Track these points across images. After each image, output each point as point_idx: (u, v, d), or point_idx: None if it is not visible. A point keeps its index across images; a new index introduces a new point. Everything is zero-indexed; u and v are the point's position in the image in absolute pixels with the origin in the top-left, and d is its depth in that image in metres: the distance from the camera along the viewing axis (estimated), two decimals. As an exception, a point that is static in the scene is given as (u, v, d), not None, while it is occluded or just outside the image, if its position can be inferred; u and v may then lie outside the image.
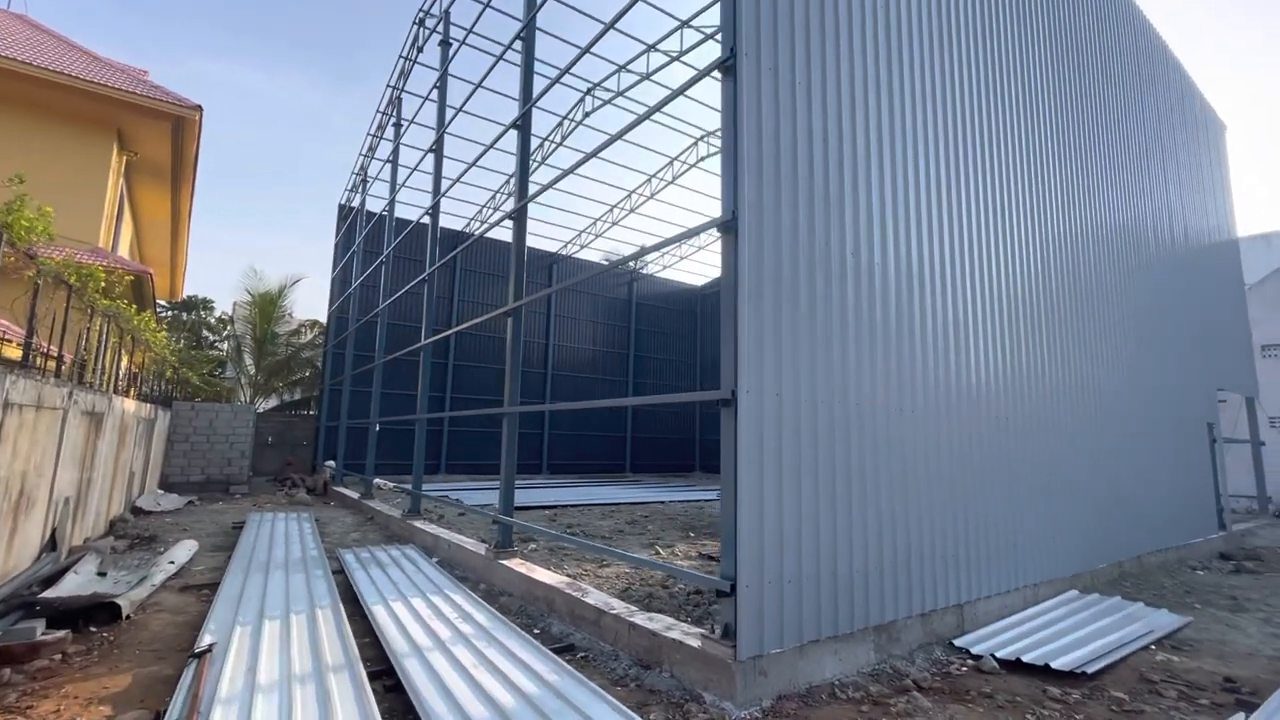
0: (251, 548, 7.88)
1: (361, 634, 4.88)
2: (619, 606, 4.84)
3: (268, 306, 21.90)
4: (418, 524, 9.14)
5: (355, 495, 13.03)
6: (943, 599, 4.96)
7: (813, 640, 3.97)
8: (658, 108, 5.73)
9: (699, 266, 28.57)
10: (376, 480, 12.34)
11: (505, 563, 6.43)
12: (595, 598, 5.08)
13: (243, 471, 15.37)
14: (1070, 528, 6.56)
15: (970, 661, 4.53)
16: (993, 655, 4.50)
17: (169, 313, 32.31)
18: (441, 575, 6.64)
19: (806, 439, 4.14)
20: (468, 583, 6.74)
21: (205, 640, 4.26)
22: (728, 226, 4.08)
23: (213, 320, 34.09)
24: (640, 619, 4.46)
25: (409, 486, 10.64)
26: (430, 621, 4.96)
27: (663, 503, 15.15)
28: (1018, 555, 5.80)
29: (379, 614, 5.14)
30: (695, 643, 3.88)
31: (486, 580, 6.68)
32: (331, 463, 17.13)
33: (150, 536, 9.04)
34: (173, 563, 6.80)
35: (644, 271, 28.50)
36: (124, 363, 10.30)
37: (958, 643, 4.86)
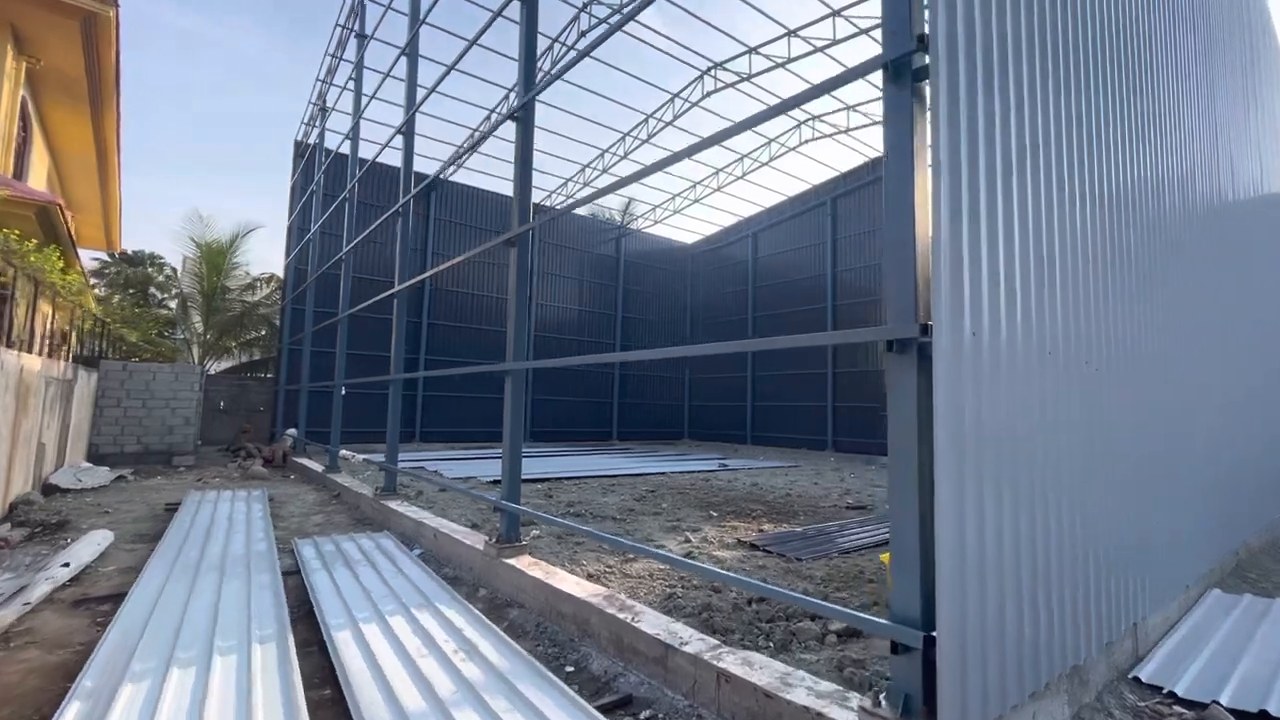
0: (182, 539, 6.26)
1: (321, 679, 3.39)
2: (692, 639, 3.42)
3: (217, 258, 19.60)
4: (393, 505, 7.60)
5: (319, 468, 11.38)
6: (1121, 622, 3.67)
7: (1014, 705, 2.62)
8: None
9: (691, 222, 26.87)
10: (343, 451, 10.70)
11: (512, 562, 4.97)
12: (652, 623, 3.65)
13: (188, 440, 13.51)
14: (1210, 513, 5.36)
15: (1185, 711, 3.25)
16: (1219, 703, 3.22)
17: (113, 267, 29.52)
18: (427, 576, 5.16)
19: (1004, 401, 2.71)
20: (461, 585, 5.28)
21: (68, 716, 2.72)
22: (901, 67, 2.55)
23: (161, 278, 31.36)
24: (734, 664, 3.04)
25: (381, 458, 9.07)
26: (419, 659, 3.49)
27: (665, 474, 13.84)
28: (1180, 552, 4.56)
29: (345, 648, 3.64)
30: (846, 718, 2.49)
31: (487, 584, 5.22)
32: (293, 431, 15.36)
33: (59, 523, 7.34)
34: (68, 564, 5.16)
35: (632, 226, 26.67)
36: (21, 311, 8.38)
37: (1143, 677, 3.59)
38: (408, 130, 8.89)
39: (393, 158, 13.30)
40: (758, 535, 7.15)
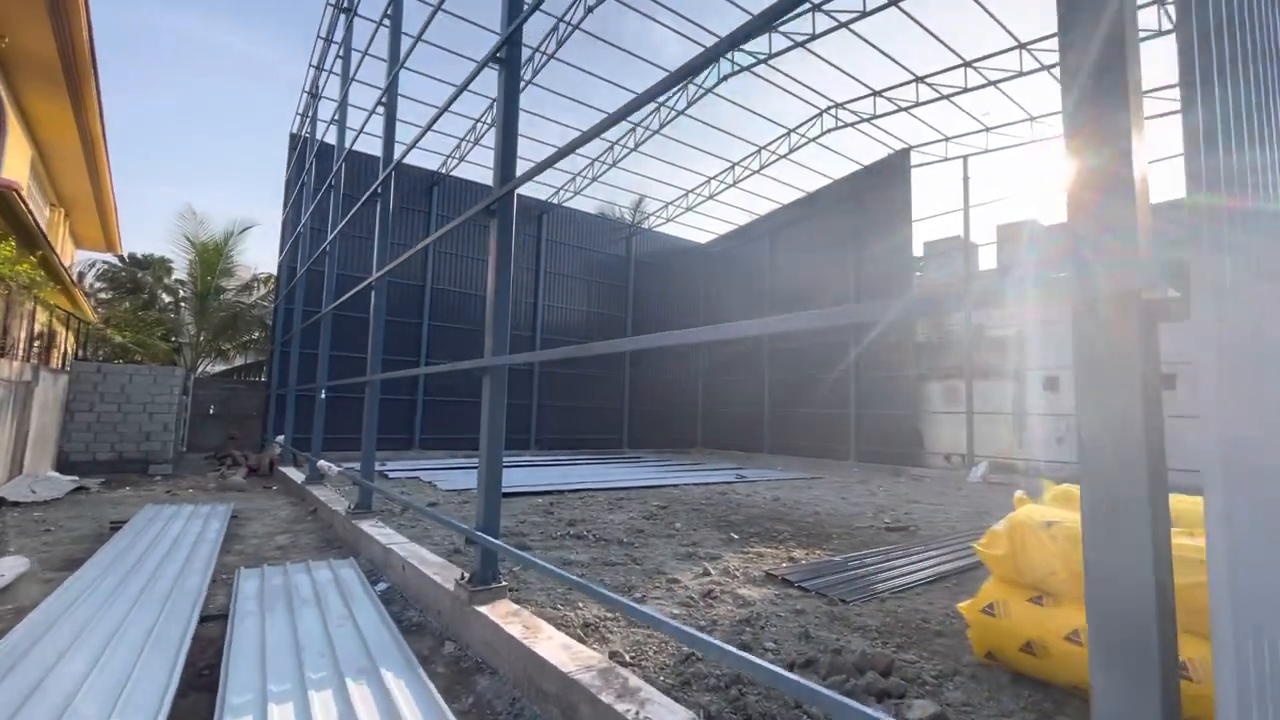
0: (105, 568, 5.28)
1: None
2: (721, 754, 2.34)
3: (212, 256, 18.86)
4: (365, 526, 6.58)
5: (300, 479, 10.42)
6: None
7: None
8: None
9: (705, 220, 25.82)
10: (321, 461, 9.73)
11: (486, 610, 3.91)
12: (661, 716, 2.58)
13: (166, 447, 12.62)
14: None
15: None
16: None
17: (123, 272, 29.08)
18: (382, 625, 4.12)
19: (1267, 399, 1.61)
20: (425, 636, 4.23)
21: None
22: None
23: (170, 281, 30.95)
24: (791, 816, 1.95)
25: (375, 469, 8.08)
26: (332, 774, 2.44)
27: (678, 486, 12.74)
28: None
29: (233, 751, 2.60)
30: None
31: (456, 635, 4.16)
32: (282, 438, 14.47)
33: (-19, 545, 6.39)
34: (-60, 607, 4.18)
35: (644, 225, 25.66)
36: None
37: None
38: (388, 104, 7.94)
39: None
40: (788, 566, 6.04)
